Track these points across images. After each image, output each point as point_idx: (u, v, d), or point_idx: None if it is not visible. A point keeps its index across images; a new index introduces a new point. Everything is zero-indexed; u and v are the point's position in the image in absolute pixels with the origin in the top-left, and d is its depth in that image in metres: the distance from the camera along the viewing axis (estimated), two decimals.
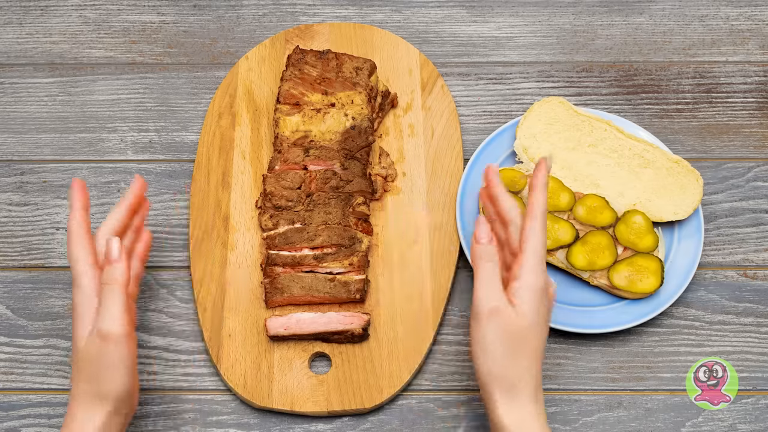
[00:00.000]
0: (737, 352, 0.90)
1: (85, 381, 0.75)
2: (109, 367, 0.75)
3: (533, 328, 0.74)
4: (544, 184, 0.78)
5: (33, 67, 1.08)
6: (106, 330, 0.74)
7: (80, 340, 0.76)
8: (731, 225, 0.98)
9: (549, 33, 1.11)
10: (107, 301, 0.75)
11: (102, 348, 0.74)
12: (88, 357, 0.75)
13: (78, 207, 0.80)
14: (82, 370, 0.75)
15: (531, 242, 0.76)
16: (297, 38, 1.07)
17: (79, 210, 0.80)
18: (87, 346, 0.75)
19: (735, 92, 1.06)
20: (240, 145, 0.99)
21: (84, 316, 0.76)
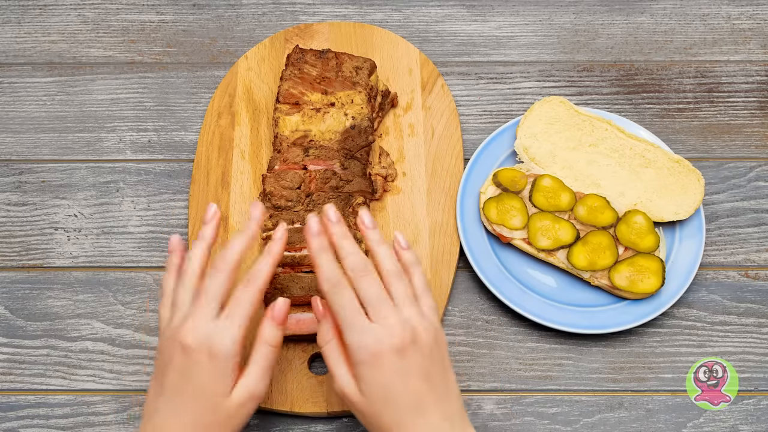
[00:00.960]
0: (738, 353, 0.90)
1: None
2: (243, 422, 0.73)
3: (387, 404, 0.70)
4: (326, 247, 0.74)
5: (31, 67, 1.08)
6: (259, 393, 0.73)
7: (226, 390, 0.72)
8: (733, 225, 0.98)
9: (550, 32, 1.11)
10: (262, 361, 0.74)
11: (249, 406, 0.73)
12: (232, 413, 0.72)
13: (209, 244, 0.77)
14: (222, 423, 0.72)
15: (339, 316, 0.72)
16: (296, 37, 1.07)
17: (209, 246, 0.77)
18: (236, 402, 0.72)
19: (736, 92, 1.06)
20: (239, 145, 1.00)
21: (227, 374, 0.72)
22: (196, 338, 0.72)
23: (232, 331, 0.72)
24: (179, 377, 0.72)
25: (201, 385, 0.71)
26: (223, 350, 0.71)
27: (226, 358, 0.72)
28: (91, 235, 0.97)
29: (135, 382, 0.88)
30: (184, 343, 0.71)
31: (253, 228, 0.77)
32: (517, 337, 0.91)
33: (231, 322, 0.72)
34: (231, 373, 0.72)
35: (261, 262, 0.76)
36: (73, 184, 1.00)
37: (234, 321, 0.73)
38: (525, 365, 0.90)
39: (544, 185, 0.94)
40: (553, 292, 0.91)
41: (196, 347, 0.71)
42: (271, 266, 0.76)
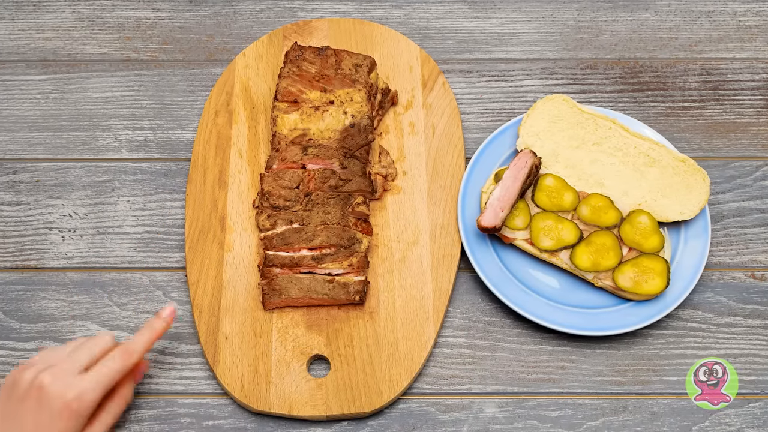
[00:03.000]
0: (745, 355, 0.90)
1: None
2: None
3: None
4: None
5: (25, 64, 1.08)
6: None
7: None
8: (739, 225, 0.98)
9: (552, 29, 1.11)
10: (110, 419, 0.81)
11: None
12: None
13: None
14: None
15: None
16: (295, 34, 1.07)
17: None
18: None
19: (742, 89, 1.06)
20: (237, 144, 1.00)
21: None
22: (58, 386, 0.77)
23: (91, 392, 0.78)
24: (31, 419, 0.76)
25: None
26: (83, 407, 0.77)
27: (83, 415, 0.78)
28: (86, 236, 0.97)
29: None
30: (43, 385, 0.77)
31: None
32: (519, 339, 0.91)
33: (92, 380, 0.78)
34: (83, 425, 0.78)
35: (138, 339, 0.83)
36: (67, 184, 1.00)
37: (95, 380, 0.78)
38: (527, 368, 0.90)
39: (546, 185, 0.94)
40: (555, 293, 0.91)
41: (54, 395, 0.76)
42: (146, 343, 0.83)
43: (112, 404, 0.82)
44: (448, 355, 0.90)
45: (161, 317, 0.85)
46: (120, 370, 0.80)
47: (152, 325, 0.84)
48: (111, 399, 0.82)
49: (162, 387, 0.88)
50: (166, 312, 0.86)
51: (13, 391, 0.78)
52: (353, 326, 0.89)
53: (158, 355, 0.90)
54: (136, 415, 0.86)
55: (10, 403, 0.78)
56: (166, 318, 0.85)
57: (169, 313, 0.86)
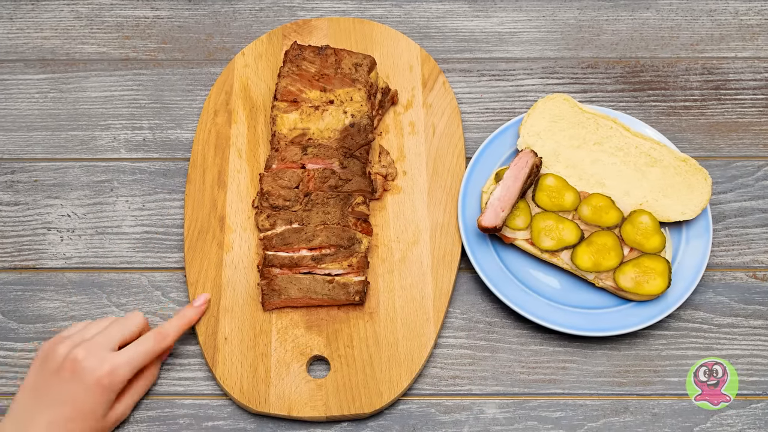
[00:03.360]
0: (746, 356, 0.90)
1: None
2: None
3: None
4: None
5: (23, 63, 1.08)
6: (126, 416, 0.85)
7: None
8: (740, 225, 0.98)
9: (553, 28, 1.11)
10: (136, 395, 0.86)
11: (116, 424, 0.85)
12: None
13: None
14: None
15: None
16: (295, 33, 1.07)
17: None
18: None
19: (744, 89, 1.06)
20: (236, 143, 1.00)
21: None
22: (92, 361, 0.80)
23: (124, 369, 0.81)
24: (64, 391, 0.80)
25: (84, 406, 0.80)
26: (115, 383, 0.81)
27: (114, 391, 0.81)
28: (84, 236, 0.97)
29: None
30: (77, 359, 0.80)
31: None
32: (519, 339, 0.91)
33: (125, 359, 0.82)
34: (112, 401, 0.82)
35: (171, 324, 0.86)
36: (66, 184, 1.00)
37: (128, 358, 0.82)
38: (528, 368, 0.89)
39: (547, 184, 0.94)
40: (556, 293, 0.91)
41: (88, 369, 0.80)
42: (179, 329, 0.87)
43: (140, 383, 0.86)
44: (449, 355, 0.90)
45: (194, 305, 0.88)
46: (152, 352, 0.84)
47: (185, 312, 0.88)
48: (138, 379, 0.85)
49: (161, 388, 0.88)
50: (200, 300, 0.89)
51: (46, 362, 0.81)
52: (353, 327, 0.89)
53: None
54: (136, 416, 0.86)
55: (43, 374, 0.81)
56: (199, 306, 0.88)
57: (202, 302, 0.89)
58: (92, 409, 0.80)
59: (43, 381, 0.81)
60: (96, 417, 0.81)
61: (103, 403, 0.81)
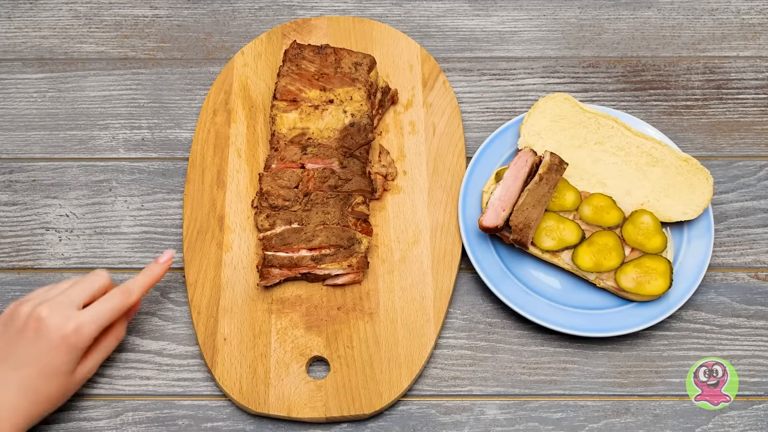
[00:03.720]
0: (748, 356, 0.90)
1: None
2: None
3: None
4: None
5: (22, 63, 1.08)
6: (93, 371, 0.85)
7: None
8: (742, 225, 0.98)
9: (554, 27, 1.11)
10: (105, 351, 0.85)
11: (84, 381, 0.85)
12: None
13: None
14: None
15: None
16: (294, 32, 1.07)
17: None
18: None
19: (746, 88, 1.06)
20: (235, 143, 1.00)
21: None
22: (56, 319, 0.80)
23: (90, 326, 0.81)
24: (29, 350, 0.79)
25: (50, 364, 0.80)
26: (81, 340, 0.80)
27: (80, 348, 0.81)
28: (83, 236, 0.96)
29: (128, 386, 0.88)
30: (41, 317, 0.80)
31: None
32: (520, 340, 0.91)
33: (90, 316, 0.81)
34: (79, 358, 0.82)
35: (137, 280, 0.86)
36: (64, 183, 1.00)
37: (94, 315, 0.81)
38: (529, 369, 0.89)
39: None
40: (557, 294, 0.91)
41: (52, 327, 0.80)
42: (144, 285, 0.86)
43: (107, 341, 0.85)
44: (449, 356, 0.90)
45: (159, 262, 0.88)
46: (118, 309, 0.83)
47: (151, 268, 0.87)
48: (105, 336, 0.85)
49: (160, 389, 0.88)
50: (165, 257, 0.89)
51: (10, 323, 0.81)
52: (353, 327, 0.89)
53: (156, 356, 0.90)
54: (134, 417, 0.86)
55: (8, 334, 0.81)
56: (164, 263, 0.88)
57: (166, 259, 0.88)
58: (59, 367, 0.80)
59: (7, 343, 0.81)
60: (63, 374, 0.81)
61: (70, 361, 0.81)
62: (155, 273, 0.87)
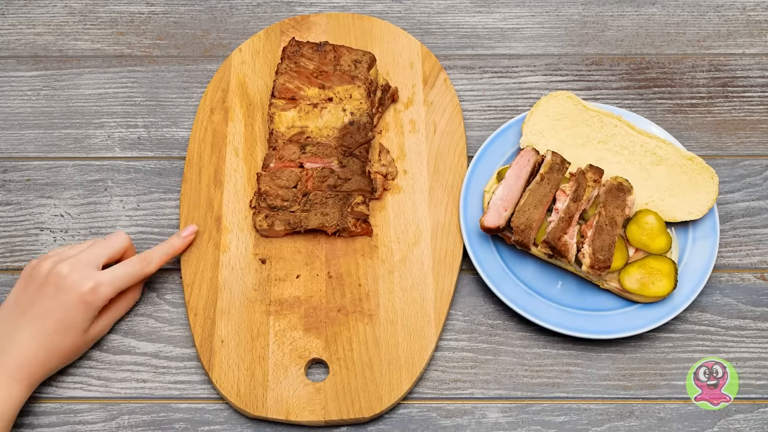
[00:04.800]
0: (754, 359, 0.90)
1: None
2: None
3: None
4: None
5: (16, 60, 1.08)
6: (108, 329, 0.90)
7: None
8: (748, 225, 0.98)
9: (557, 24, 1.11)
10: (121, 310, 0.90)
11: (99, 338, 0.89)
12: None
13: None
14: None
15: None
16: (293, 29, 1.07)
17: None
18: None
19: (752, 86, 1.06)
20: (233, 142, 1.00)
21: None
22: (76, 277, 0.84)
23: (107, 287, 0.85)
24: (48, 304, 0.83)
25: (66, 319, 0.84)
26: (97, 299, 0.84)
27: (96, 307, 0.85)
28: (78, 236, 0.96)
29: (124, 389, 0.88)
30: (61, 274, 0.84)
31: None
32: (522, 342, 0.91)
33: (109, 278, 0.85)
34: (94, 317, 0.86)
35: (157, 250, 0.90)
36: (59, 183, 1.00)
37: (112, 278, 0.85)
38: (531, 372, 0.89)
39: None
40: (560, 295, 0.91)
41: (72, 284, 0.84)
42: (164, 256, 0.90)
43: (122, 302, 0.89)
44: (450, 358, 0.90)
45: (181, 235, 0.92)
46: (136, 275, 0.87)
47: (172, 241, 0.91)
48: (121, 298, 0.89)
49: (156, 392, 0.88)
50: (188, 231, 0.92)
51: (30, 279, 0.85)
52: (352, 329, 0.89)
53: (152, 358, 0.90)
54: (130, 420, 0.86)
55: (28, 290, 0.85)
56: (186, 236, 0.92)
57: (189, 232, 0.92)
58: (75, 323, 0.84)
59: (27, 296, 0.85)
60: (78, 331, 0.85)
61: (85, 319, 0.85)
62: (176, 245, 0.91)
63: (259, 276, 0.92)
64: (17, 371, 0.82)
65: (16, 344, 0.83)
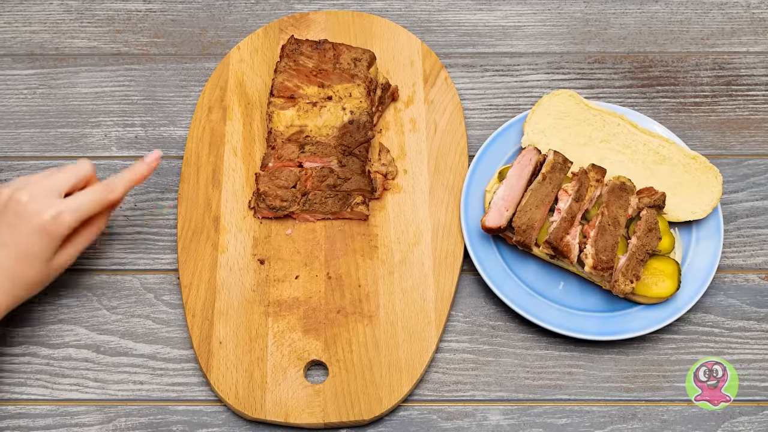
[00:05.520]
0: (759, 360, 0.90)
1: None
2: None
3: None
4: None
5: (11, 58, 1.08)
6: (73, 261, 0.87)
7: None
8: (752, 225, 0.98)
9: (559, 22, 1.11)
10: (85, 242, 0.87)
11: (63, 269, 0.87)
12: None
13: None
14: None
15: None
16: (292, 27, 1.07)
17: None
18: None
19: (756, 84, 1.06)
20: (231, 141, 0.99)
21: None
22: (36, 204, 0.82)
23: (70, 215, 0.83)
24: (8, 233, 0.82)
25: (27, 248, 0.82)
26: (59, 229, 0.83)
27: (59, 236, 0.83)
28: None
29: (121, 391, 0.88)
30: (21, 201, 0.82)
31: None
32: (524, 343, 0.91)
33: (71, 205, 0.83)
34: (57, 246, 0.84)
35: (120, 177, 0.88)
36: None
37: (75, 206, 0.84)
38: (533, 373, 0.89)
39: None
40: (562, 296, 0.91)
41: (32, 212, 0.82)
42: (128, 183, 0.88)
43: (87, 232, 0.87)
44: (451, 360, 0.90)
45: (145, 161, 0.90)
46: (100, 203, 0.85)
47: (136, 167, 0.89)
48: (86, 227, 0.87)
49: (153, 393, 0.88)
50: (151, 157, 0.90)
51: None
52: (352, 330, 0.89)
53: (150, 360, 0.90)
54: (127, 423, 0.86)
55: None
56: (150, 162, 0.90)
57: (153, 159, 0.90)
58: (38, 253, 0.82)
59: None
60: (42, 261, 0.83)
61: (48, 248, 0.83)
62: (140, 171, 0.89)
63: (258, 277, 0.92)
64: None
65: None
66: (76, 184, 0.86)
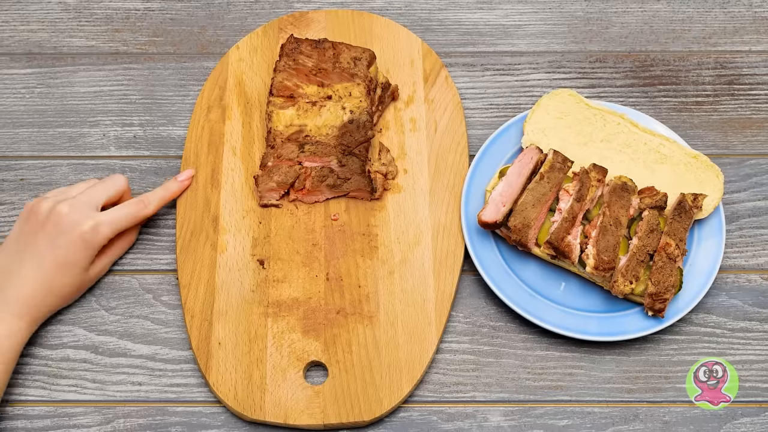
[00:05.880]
0: (761, 361, 0.90)
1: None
2: None
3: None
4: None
5: (9, 57, 1.08)
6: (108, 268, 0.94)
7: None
8: (754, 225, 0.97)
9: (560, 21, 1.11)
10: (120, 250, 0.94)
11: (100, 276, 0.93)
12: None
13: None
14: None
15: None
16: (291, 26, 1.07)
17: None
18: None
19: (759, 84, 1.06)
20: (230, 141, 0.99)
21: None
22: (76, 216, 0.87)
23: (106, 227, 0.88)
24: (48, 243, 0.87)
25: (66, 257, 0.87)
26: (97, 239, 0.88)
27: (95, 247, 0.88)
28: None
29: (119, 392, 0.88)
30: (61, 213, 0.87)
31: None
32: (525, 344, 0.91)
33: (108, 218, 0.89)
34: (93, 256, 0.89)
35: (154, 193, 0.94)
36: (53, 182, 1.00)
37: (111, 218, 0.89)
38: (534, 374, 0.89)
39: None
40: (563, 296, 0.91)
41: (72, 223, 0.87)
42: (161, 199, 0.94)
43: (119, 244, 0.93)
44: (451, 361, 0.90)
45: (177, 179, 0.95)
46: (134, 217, 0.91)
47: (169, 185, 0.95)
48: (119, 239, 0.93)
49: (152, 395, 0.88)
50: (183, 175, 0.96)
51: (30, 218, 0.88)
52: (352, 331, 0.89)
53: (148, 361, 0.90)
54: (125, 424, 0.86)
55: (28, 227, 0.88)
56: (182, 181, 0.95)
57: (186, 177, 0.96)
58: (75, 262, 0.87)
59: (27, 234, 0.88)
60: (78, 270, 0.88)
61: (85, 258, 0.88)
62: (172, 189, 0.95)
63: (257, 277, 0.92)
64: (17, 308, 0.85)
65: (16, 281, 0.85)
66: (112, 198, 0.92)
